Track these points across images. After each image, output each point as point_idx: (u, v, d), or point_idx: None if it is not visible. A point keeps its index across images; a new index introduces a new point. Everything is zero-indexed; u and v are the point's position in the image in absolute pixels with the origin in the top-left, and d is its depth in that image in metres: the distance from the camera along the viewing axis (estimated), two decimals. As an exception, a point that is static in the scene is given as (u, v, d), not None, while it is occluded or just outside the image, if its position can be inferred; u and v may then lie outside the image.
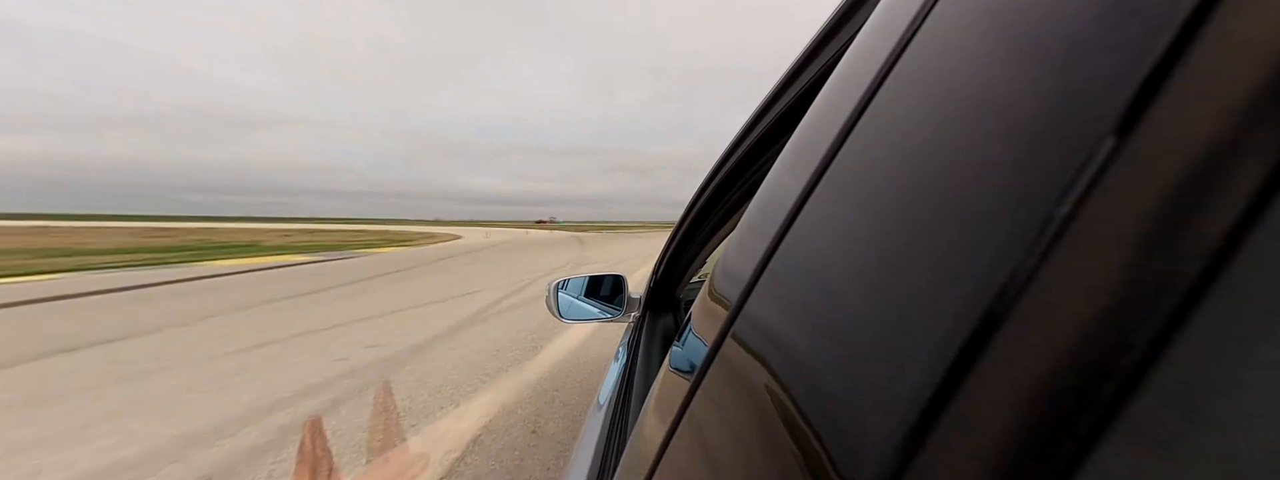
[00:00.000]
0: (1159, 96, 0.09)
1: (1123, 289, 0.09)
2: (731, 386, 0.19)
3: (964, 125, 0.13)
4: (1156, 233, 0.08)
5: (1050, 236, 0.10)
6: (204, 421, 2.42)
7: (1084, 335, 0.09)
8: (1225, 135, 0.08)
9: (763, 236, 0.21)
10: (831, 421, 0.13)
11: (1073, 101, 0.10)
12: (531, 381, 2.94)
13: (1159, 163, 0.09)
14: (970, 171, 0.12)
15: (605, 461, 0.59)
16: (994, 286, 0.10)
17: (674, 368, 0.28)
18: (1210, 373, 0.08)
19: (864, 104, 0.18)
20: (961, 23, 0.15)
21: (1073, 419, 0.09)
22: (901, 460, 0.11)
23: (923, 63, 0.16)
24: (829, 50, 0.40)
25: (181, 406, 2.63)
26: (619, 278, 1.28)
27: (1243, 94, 0.08)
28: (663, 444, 0.23)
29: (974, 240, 0.11)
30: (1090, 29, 0.10)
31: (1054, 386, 0.09)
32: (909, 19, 0.17)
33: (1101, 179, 0.09)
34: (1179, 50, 0.09)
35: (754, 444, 0.16)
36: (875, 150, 0.17)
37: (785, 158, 0.24)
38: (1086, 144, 0.09)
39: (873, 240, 0.15)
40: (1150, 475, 0.08)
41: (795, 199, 0.20)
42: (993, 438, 0.09)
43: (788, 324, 0.17)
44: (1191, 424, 0.08)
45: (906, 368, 0.11)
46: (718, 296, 0.24)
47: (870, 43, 0.20)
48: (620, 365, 0.99)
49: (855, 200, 0.16)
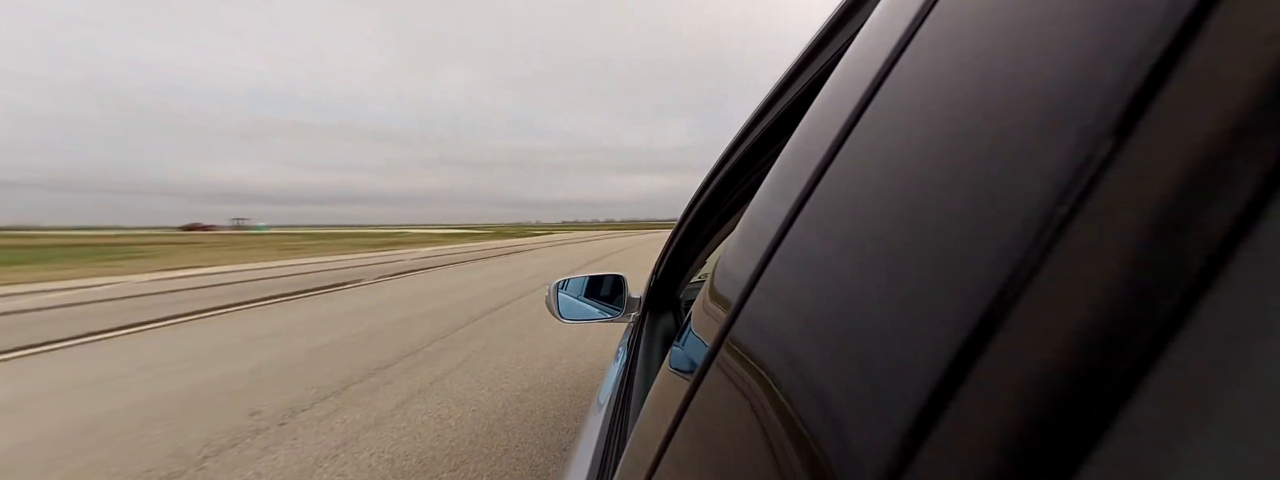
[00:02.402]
0: (1159, 96, 0.09)
1: (1123, 289, 0.09)
2: (731, 386, 0.19)
3: (964, 125, 0.13)
4: (1156, 233, 0.08)
5: (1050, 236, 0.10)
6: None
7: (1084, 335, 0.09)
8: (1225, 135, 0.08)
9: (763, 236, 0.21)
10: (832, 421, 0.13)
11: (1073, 101, 0.10)
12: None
13: (1159, 163, 0.09)
14: (970, 171, 0.12)
15: (605, 461, 0.59)
16: (994, 286, 0.10)
17: (674, 368, 0.28)
18: (1210, 373, 0.08)
19: (864, 104, 0.18)
20: (961, 23, 0.15)
21: (1072, 419, 0.09)
22: (901, 460, 0.11)
23: (922, 63, 0.16)
24: (829, 51, 0.40)
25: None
26: (619, 277, 1.29)
27: (1243, 94, 0.08)
28: (663, 444, 0.23)
29: (974, 240, 0.11)
30: (1090, 29, 0.10)
31: (1054, 386, 0.09)
32: (909, 19, 0.17)
33: (1101, 179, 0.09)
34: (1179, 50, 0.09)
35: (754, 444, 0.16)
36: (875, 150, 0.17)
37: (785, 158, 0.24)
38: (1086, 144, 0.09)
39: (873, 240, 0.15)
40: (1150, 476, 0.08)
41: (795, 199, 0.20)
42: (992, 437, 0.09)
43: (788, 324, 0.17)
44: (1191, 424, 0.08)
45: (907, 368, 0.11)
46: (718, 296, 0.24)
47: (870, 43, 0.20)
48: (620, 365, 0.99)
49: (855, 200, 0.16)
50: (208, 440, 2.27)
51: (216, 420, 2.50)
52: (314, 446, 2.19)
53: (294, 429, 2.37)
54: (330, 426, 2.40)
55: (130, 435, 2.35)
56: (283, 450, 2.16)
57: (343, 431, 2.34)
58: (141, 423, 2.49)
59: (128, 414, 2.62)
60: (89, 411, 2.67)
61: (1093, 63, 0.10)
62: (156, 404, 2.75)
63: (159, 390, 2.98)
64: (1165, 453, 0.08)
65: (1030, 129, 0.11)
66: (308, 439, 2.26)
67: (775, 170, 0.25)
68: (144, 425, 2.46)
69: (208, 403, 2.76)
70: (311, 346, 3.93)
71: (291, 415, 2.54)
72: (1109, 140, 0.09)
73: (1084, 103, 0.10)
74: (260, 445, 2.20)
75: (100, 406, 2.74)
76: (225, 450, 2.17)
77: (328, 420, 2.47)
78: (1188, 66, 0.09)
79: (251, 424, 2.44)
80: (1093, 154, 0.09)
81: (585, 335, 4.07)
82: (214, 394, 2.90)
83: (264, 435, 2.31)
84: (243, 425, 2.43)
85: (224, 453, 2.15)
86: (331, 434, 2.31)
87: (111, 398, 2.87)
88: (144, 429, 2.42)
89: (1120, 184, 0.09)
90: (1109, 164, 0.09)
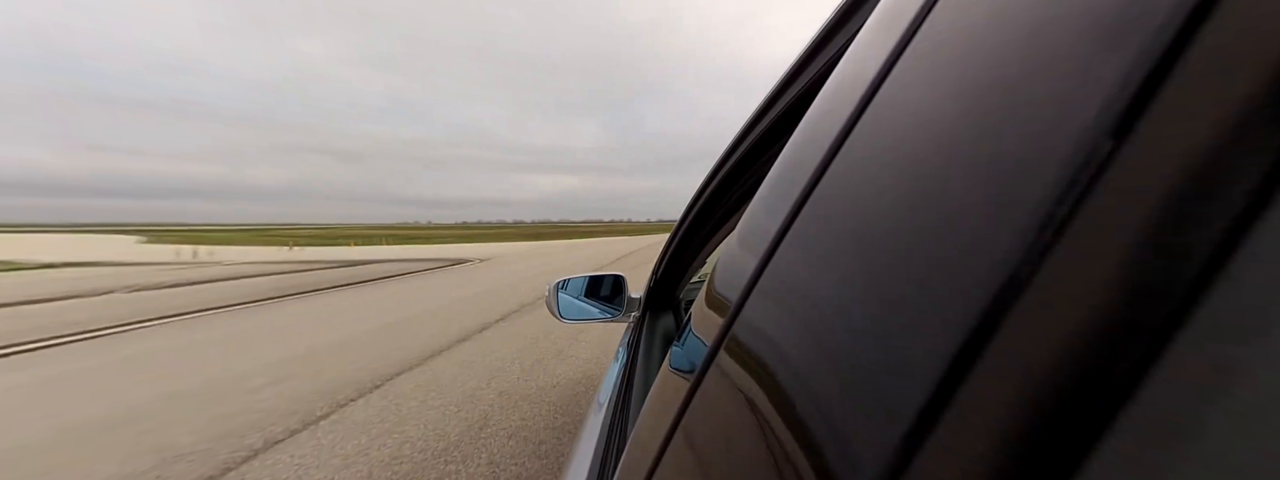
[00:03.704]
0: (1159, 96, 0.09)
1: (1123, 289, 0.09)
2: (731, 386, 0.19)
3: (964, 125, 0.13)
4: (1156, 233, 0.08)
5: (1050, 236, 0.10)
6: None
7: (1084, 335, 0.09)
8: (1225, 135, 0.08)
9: (763, 236, 0.21)
10: (831, 422, 0.13)
11: (1073, 101, 0.10)
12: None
13: (1159, 163, 0.09)
14: (970, 171, 0.12)
15: (605, 461, 0.59)
16: (994, 286, 0.10)
17: (674, 368, 0.28)
18: (1210, 373, 0.08)
19: (864, 104, 0.18)
20: (961, 23, 0.15)
21: (1072, 420, 0.09)
22: (902, 461, 0.11)
23: (922, 63, 0.16)
24: (829, 50, 0.40)
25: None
26: (619, 277, 1.29)
27: (1243, 94, 0.08)
28: (663, 444, 0.23)
29: (974, 240, 0.11)
30: (1090, 29, 0.10)
31: (1053, 387, 0.09)
32: (909, 19, 0.17)
33: (1101, 179, 0.09)
34: (1179, 50, 0.09)
35: (754, 444, 0.16)
36: (875, 150, 0.17)
37: (785, 158, 0.24)
38: (1086, 144, 0.09)
39: (873, 240, 0.15)
40: (1150, 475, 0.08)
41: (795, 199, 0.20)
42: (993, 437, 0.09)
43: (788, 324, 0.17)
44: (1192, 425, 0.08)
45: (906, 368, 0.11)
46: (717, 297, 0.24)
47: (870, 43, 0.20)
48: (620, 365, 0.99)
49: (855, 200, 0.16)
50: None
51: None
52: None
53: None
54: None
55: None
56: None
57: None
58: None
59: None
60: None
61: (1093, 63, 0.10)
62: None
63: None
64: (1165, 453, 0.08)
65: (1030, 129, 0.11)
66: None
67: (775, 170, 0.25)
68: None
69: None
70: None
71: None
72: (1109, 140, 0.09)
73: (1084, 103, 0.10)
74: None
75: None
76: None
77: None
78: (1188, 66, 0.09)
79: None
80: (1093, 154, 0.09)
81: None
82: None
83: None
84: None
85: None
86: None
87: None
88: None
89: (1120, 184, 0.09)
90: (1109, 164, 0.09)
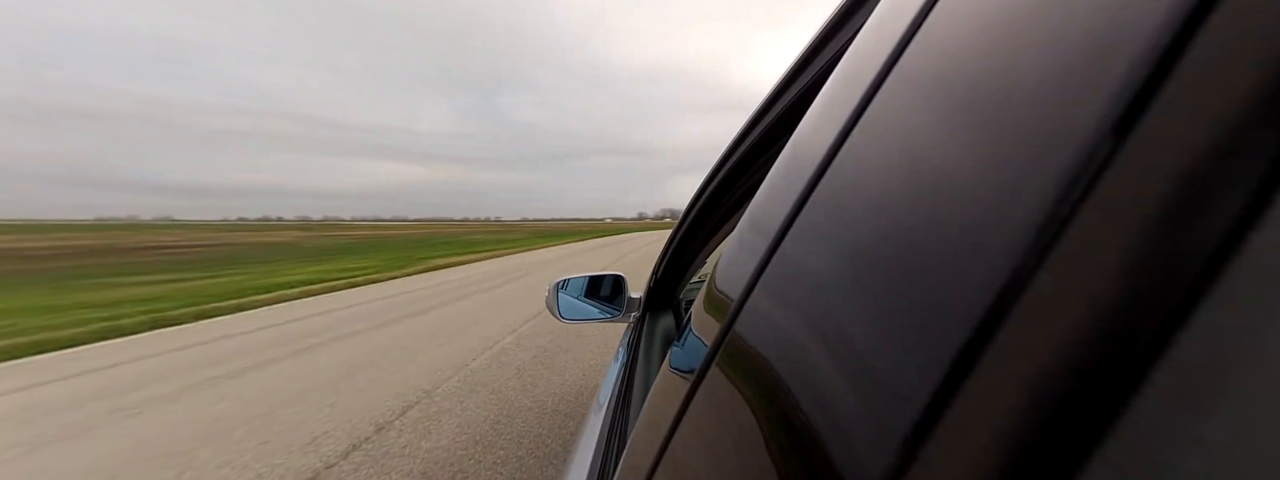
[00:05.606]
0: (1159, 96, 0.09)
1: (1123, 289, 0.09)
2: (731, 386, 0.19)
3: (964, 125, 0.13)
4: (1156, 233, 0.08)
5: (1050, 236, 0.10)
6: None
7: (1084, 335, 0.09)
8: (1225, 135, 0.08)
9: (763, 236, 0.21)
10: (832, 422, 0.13)
11: (1073, 101, 0.10)
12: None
13: (1159, 163, 0.09)
14: (970, 171, 0.12)
15: (605, 461, 0.59)
16: (994, 286, 0.10)
17: (674, 368, 0.28)
18: (1210, 373, 0.08)
19: (864, 104, 0.18)
20: (961, 23, 0.15)
21: (1073, 419, 0.09)
22: (902, 460, 0.11)
23: (922, 63, 0.16)
24: (829, 50, 0.40)
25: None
26: (619, 277, 1.29)
27: (1243, 94, 0.08)
28: (663, 444, 0.23)
29: (974, 240, 0.11)
30: (1090, 29, 0.10)
31: (1054, 387, 0.09)
32: (909, 19, 0.17)
33: (1101, 179, 0.09)
34: (1179, 50, 0.09)
35: (754, 444, 0.16)
36: (875, 150, 0.17)
37: (785, 158, 0.24)
38: (1087, 144, 0.09)
39: (873, 240, 0.15)
40: (1151, 475, 0.08)
41: (795, 199, 0.20)
42: (993, 438, 0.09)
43: (788, 324, 0.17)
44: (1192, 425, 0.08)
45: (907, 368, 0.11)
46: (718, 297, 0.24)
47: (870, 43, 0.20)
48: (620, 365, 0.99)
49: (855, 200, 0.16)
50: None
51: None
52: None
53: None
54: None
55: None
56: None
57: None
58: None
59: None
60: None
61: (1093, 63, 0.10)
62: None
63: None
64: (1166, 452, 0.08)
65: (1030, 129, 0.11)
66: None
67: (775, 170, 0.25)
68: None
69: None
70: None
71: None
72: (1109, 140, 0.09)
73: (1084, 103, 0.10)
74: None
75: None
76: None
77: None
78: (1188, 66, 0.09)
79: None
80: (1093, 154, 0.09)
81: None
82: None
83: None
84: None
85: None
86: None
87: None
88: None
89: (1120, 184, 0.09)
90: (1109, 164, 0.09)
